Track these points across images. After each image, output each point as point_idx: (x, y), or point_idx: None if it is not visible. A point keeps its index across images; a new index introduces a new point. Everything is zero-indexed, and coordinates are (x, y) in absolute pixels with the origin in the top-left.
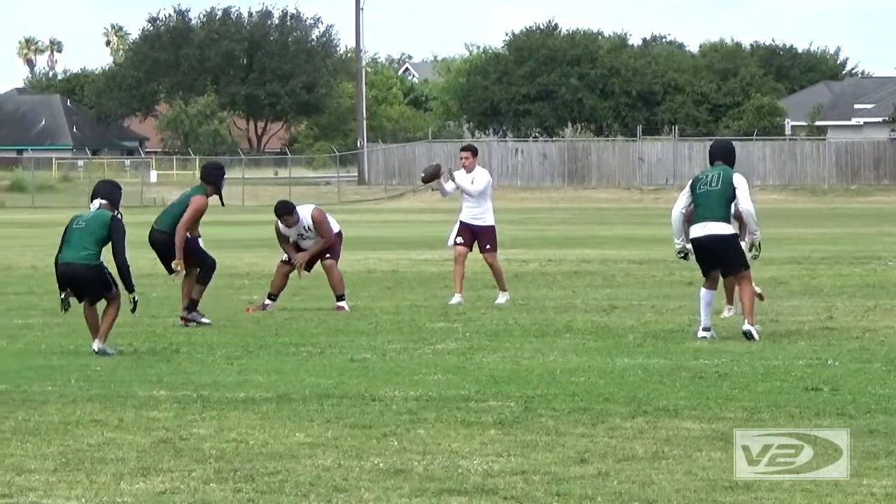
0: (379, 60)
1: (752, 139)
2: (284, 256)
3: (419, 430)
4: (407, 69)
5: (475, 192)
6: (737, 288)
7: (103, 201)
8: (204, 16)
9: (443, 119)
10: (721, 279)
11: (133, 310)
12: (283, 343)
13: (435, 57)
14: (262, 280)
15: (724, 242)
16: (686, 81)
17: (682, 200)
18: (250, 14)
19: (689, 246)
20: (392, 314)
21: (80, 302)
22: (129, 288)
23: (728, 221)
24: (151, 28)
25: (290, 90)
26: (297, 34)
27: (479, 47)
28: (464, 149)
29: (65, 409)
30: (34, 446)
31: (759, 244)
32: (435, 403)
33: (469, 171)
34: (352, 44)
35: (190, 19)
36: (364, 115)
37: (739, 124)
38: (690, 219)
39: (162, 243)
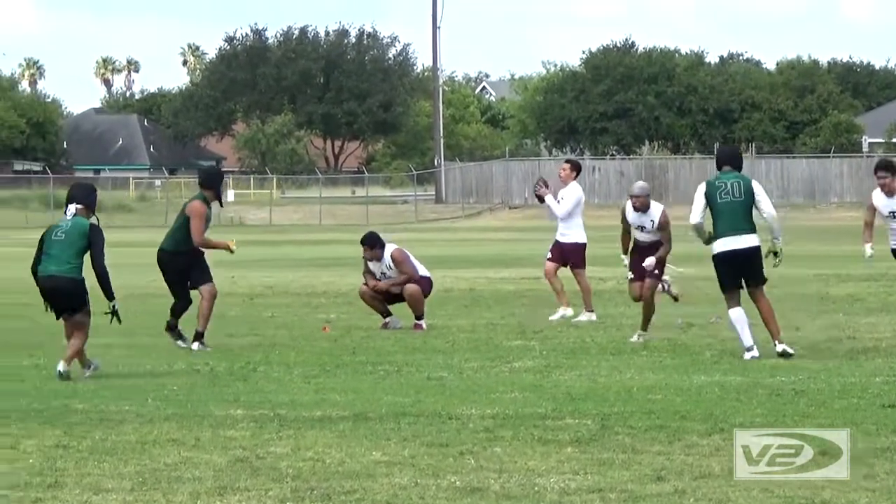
0: (456, 79)
1: (829, 156)
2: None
3: (496, 449)
4: (484, 88)
5: (562, 214)
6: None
7: (79, 206)
8: (281, 35)
9: (520, 137)
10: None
11: (112, 319)
12: (360, 362)
13: (512, 75)
14: (338, 299)
15: (757, 253)
16: (763, 99)
17: (700, 209)
18: (327, 33)
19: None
20: (469, 332)
21: (57, 317)
22: (109, 296)
23: (755, 232)
24: (228, 47)
25: (367, 109)
26: (374, 53)
27: (556, 65)
28: (566, 161)
29: (142, 428)
30: (111, 466)
31: (781, 250)
32: (512, 421)
33: (564, 184)
34: (429, 62)
35: (267, 38)
36: (441, 134)
37: (816, 141)
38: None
39: (164, 262)
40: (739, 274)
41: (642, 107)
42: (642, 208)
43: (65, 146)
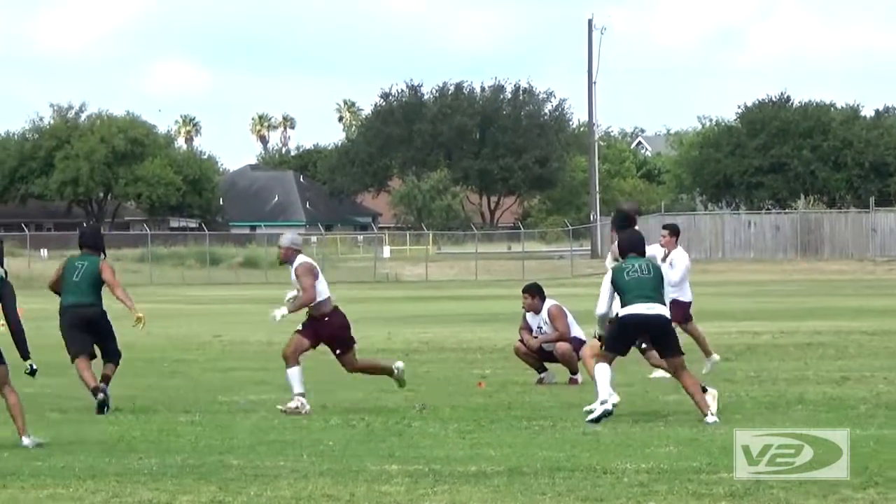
0: (612, 134)
1: None
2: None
3: (650, 503)
4: (640, 142)
5: (675, 281)
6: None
7: None
8: (436, 91)
9: (676, 192)
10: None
11: (32, 374)
12: (516, 416)
13: (668, 130)
14: (493, 354)
15: (666, 323)
16: None
17: (606, 298)
18: (483, 89)
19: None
20: (624, 387)
21: None
22: (25, 355)
23: (664, 304)
24: (384, 103)
25: (523, 165)
26: (530, 108)
27: (711, 120)
28: (664, 226)
29: (296, 484)
30: None
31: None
32: (666, 476)
33: (667, 249)
34: (584, 118)
35: (423, 94)
36: (597, 189)
37: None
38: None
39: (94, 315)
40: (633, 341)
41: (797, 161)
42: (287, 260)
43: (221, 203)
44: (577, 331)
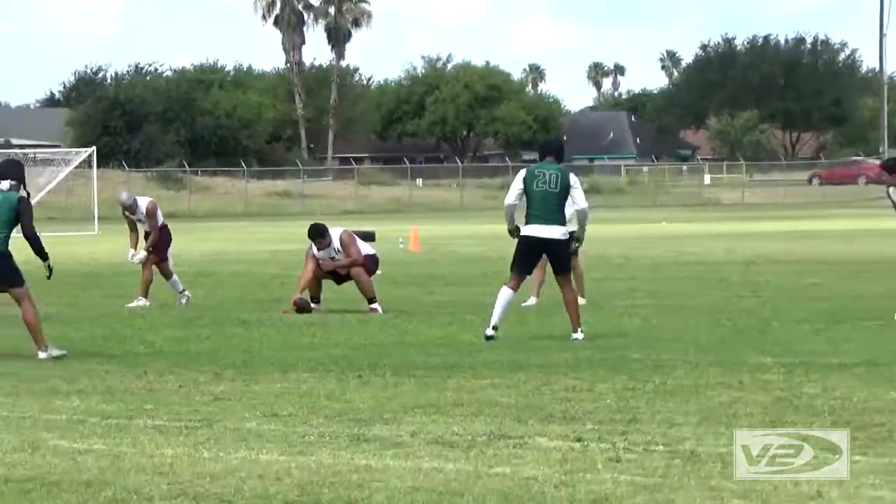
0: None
1: None
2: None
3: None
4: None
5: None
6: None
7: (12, 182)
8: (747, 43)
9: None
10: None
11: (49, 276)
12: (859, 318)
13: None
14: (823, 265)
15: (562, 244)
16: None
17: (515, 192)
18: (786, 41)
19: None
20: None
21: None
22: (43, 256)
23: (564, 224)
24: (703, 54)
25: (820, 105)
26: (826, 58)
27: None
28: None
29: (691, 373)
30: (675, 405)
31: (580, 238)
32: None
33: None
34: (874, 64)
35: (735, 46)
36: (885, 125)
37: None
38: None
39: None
40: (536, 260)
41: None
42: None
43: (564, 139)
44: (368, 249)
